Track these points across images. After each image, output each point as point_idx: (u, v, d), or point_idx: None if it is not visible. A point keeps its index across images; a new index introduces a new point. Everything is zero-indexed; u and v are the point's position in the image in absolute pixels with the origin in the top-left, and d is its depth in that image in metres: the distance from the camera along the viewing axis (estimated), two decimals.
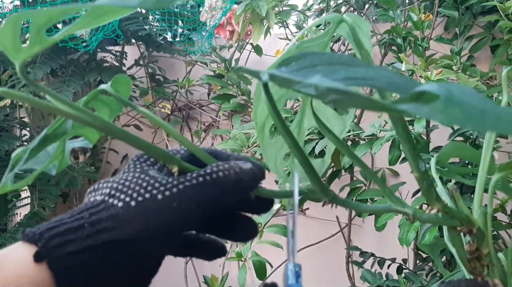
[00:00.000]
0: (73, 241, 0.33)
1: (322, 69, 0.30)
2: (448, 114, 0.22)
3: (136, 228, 0.35)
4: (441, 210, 0.39)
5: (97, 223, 0.34)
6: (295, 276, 0.38)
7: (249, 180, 0.39)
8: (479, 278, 0.43)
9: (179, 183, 0.37)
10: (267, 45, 2.01)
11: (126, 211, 0.35)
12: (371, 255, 1.75)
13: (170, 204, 0.36)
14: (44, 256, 0.33)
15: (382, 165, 1.89)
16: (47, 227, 0.34)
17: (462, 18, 1.82)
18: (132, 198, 0.36)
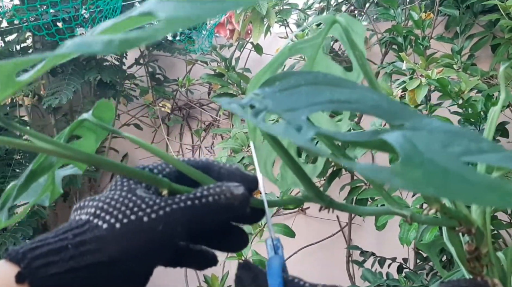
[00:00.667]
0: (56, 262, 0.33)
1: (306, 90, 0.29)
2: (408, 177, 0.20)
3: (120, 250, 0.34)
4: (439, 210, 0.38)
5: (80, 244, 0.34)
6: (274, 248, 0.39)
7: (240, 205, 0.37)
8: (479, 278, 0.43)
9: (166, 205, 0.36)
10: (268, 44, 2.00)
11: (110, 232, 0.34)
12: (372, 255, 1.74)
13: (155, 227, 0.35)
14: (26, 276, 0.33)
15: (383, 164, 1.89)
16: (30, 247, 0.34)
17: (463, 17, 1.81)
18: (117, 220, 0.35)
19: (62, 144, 0.36)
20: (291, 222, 2.16)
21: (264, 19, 1.80)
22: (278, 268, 0.37)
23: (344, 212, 0.43)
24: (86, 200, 0.38)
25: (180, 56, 2.25)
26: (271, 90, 0.31)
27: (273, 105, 0.29)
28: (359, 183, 1.68)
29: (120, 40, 0.24)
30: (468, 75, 1.48)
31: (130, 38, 0.24)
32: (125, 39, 0.24)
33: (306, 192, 0.40)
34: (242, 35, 1.91)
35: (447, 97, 1.40)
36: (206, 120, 2.36)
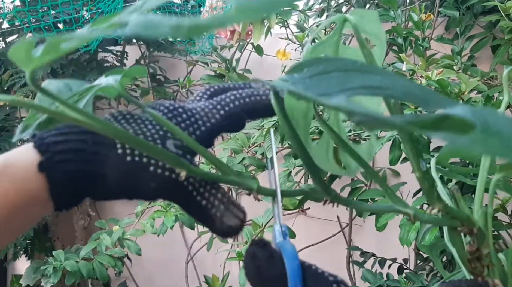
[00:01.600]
0: (72, 161, 0.37)
1: (337, 76, 0.29)
2: (489, 145, 0.22)
3: (114, 177, 0.38)
4: (442, 210, 0.39)
5: (94, 153, 0.37)
6: (282, 235, 0.39)
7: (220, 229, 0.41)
8: (480, 278, 0.43)
9: (176, 178, 0.38)
10: (268, 45, 2.01)
11: (118, 160, 0.37)
12: (372, 255, 1.75)
13: (150, 181, 0.38)
14: (46, 168, 0.36)
15: (383, 165, 1.89)
16: (53, 140, 0.37)
17: (463, 18, 1.82)
18: (132, 153, 0.38)
19: (92, 115, 0.37)
20: (291, 223, 2.17)
21: (265, 20, 1.80)
22: (293, 250, 0.37)
23: (348, 207, 0.43)
24: (125, 116, 0.41)
25: (181, 57, 2.25)
26: (300, 76, 0.30)
27: (304, 90, 0.28)
28: (359, 184, 1.68)
29: (190, 25, 0.24)
30: (468, 76, 1.48)
31: (200, 24, 0.24)
32: (195, 25, 0.24)
33: (313, 185, 0.41)
34: (242, 36, 1.91)
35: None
36: None
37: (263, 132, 1.64)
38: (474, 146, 0.22)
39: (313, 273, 0.36)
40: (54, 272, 1.81)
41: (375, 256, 1.74)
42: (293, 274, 0.35)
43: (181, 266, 2.37)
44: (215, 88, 0.46)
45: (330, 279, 0.36)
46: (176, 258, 2.38)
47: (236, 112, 0.43)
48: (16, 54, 0.32)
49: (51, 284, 1.81)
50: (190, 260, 2.38)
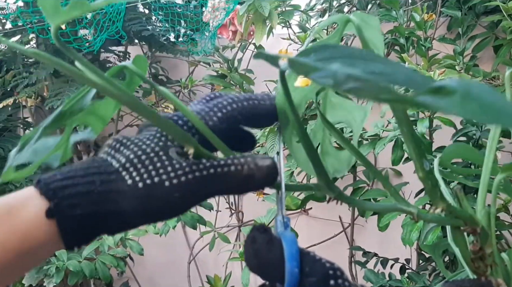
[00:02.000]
0: (81, 205, 0.36)
1: (342, 61, 0.30)
2: (466, 107, 0.23)
3: (134, 209, 0.37)
4: (445, 209, 0.39)
5: (105, 193, 0.37)
6: (284, 225, 0.39)
7: (262, 178, 0.38)
8: (483, 278, 0.43)
9: (190, 171, 0.38)
10: (270, 45, 2.01)
11: (132, 190, 0.37)
12: (374, 255, 1.75)
13: (173, 193, 0.37)
14: (55, 214, 0.36)
15: (385, 165, 1.89)
16: (60, 185, 0.37)
17: (465, 18, 1.82)
18: (142, 179, 0.37)
19: (110, 79, 0.37)
20: (293, 223, 2.17)
21: (267, 21, 1.81)
22: (293, 237, 0.37)
23: (351, 206, 0.43)
24: (120, 141, 0.40)
25: (183, 57, 2.25)
26: (307, 59, 0.31)
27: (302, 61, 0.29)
28: (361, 184, 1.68)
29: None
30: (470, 76, 1.49)
31: None
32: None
33: (317, 182, 0.41)
34: (244, 37, 1.92)
35: None
36: None
37: (265, 133, 1.64)
38: (452, 108, 0.23)
39: (310, 259, 0.37)
40: (56, 272, 1.81)
41: (377, 256, 1.75)
42: (291, 257, 0.36)
43: (183, 266, 2.38)
44: (215, 94, 0.46)
45: (327, 266, 0.36)
46: (178, 258, 2.39)
47: (233, 115, 0.42)
48: (44, 4, 0.32)
49: (53, 284, 1.82)
50: (192, 260, 2.38)
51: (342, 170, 0.47)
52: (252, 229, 0.38)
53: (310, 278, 0.36)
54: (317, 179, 0.41)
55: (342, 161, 0.47)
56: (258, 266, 0.37)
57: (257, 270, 0.37)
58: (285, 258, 0.36)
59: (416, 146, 0.39)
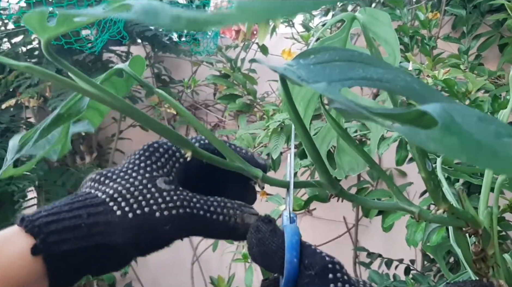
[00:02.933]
0: (69, 240, 0.35)
1: (340, 65, 0.30)
2: (444, 144, 0.21)
3: (126, 239, 0.36)
4: (447, 210, 0.38)
5: (93, 226, 0.36)
6: (290, 220, 0.40)
7: (244, 233, 0.39)
8: (484, 279, 0.43)
9: (181, 206, 0.37)
10: (273, 44, 2.00)
11: (121, 221, 0.36)
12: (379, 256, 1.74)
13: (163, 225, 0.37)
14: (42, 250, 0.35)
15: (389, 165, 1.88)
16: (45, 221, 0.35)
17: (470, 16, 1.80)
18: (132, 209, 0.36)
19: (103, 88, 0.36)
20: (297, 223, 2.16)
21: (270, 20, 1.80)
22: (295, 228, 0.38)
23: (353, 203, 0.43)
24: (104, 175, 0.39)
25: (186, 57, 2.25)
26: (306, 62, 0.31)
27: (306, 75, 0.29)
28: (365, 184, 1.67)
29: (188, 18, 0.23)
30: (475, 75, 1.47)
31: (198, 19, 0.23)
32: (193, 19, 0.23)
33: (319, 179, 0.41)
34: (247, 36, 1.91)
35: (454, 98, 1.39)
36: (212, 121, 2.36)
37: (268, 133, 1.63)
38: (428, 143, 0.21)
39: (311, 252, 0.37)
40: None
41: (382, 257, 1.73)
42: (291, 247, 0.36)
43: (186, 267, 2.37)
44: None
45: (327, 259, 0.37)
46: (181, 259, 2.38)
47: None
48: (29, 22, 0.32)
49: None
50: (196, 261, 2.38)
51: (358, 169, 0.47)
52: (257, 219, 0.39)
53: (309, 271, 0.36)
54: (320, 176, 0.41)
55: (359, 160, 0.47)
56: (259, 254, 0.37)
57: (258, 258, 0.37)
58: (285, 247, 0.36)
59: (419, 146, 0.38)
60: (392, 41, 0.42)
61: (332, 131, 0.50)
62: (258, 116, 1.91)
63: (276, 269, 0.37)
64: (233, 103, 1.93)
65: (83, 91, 0.36)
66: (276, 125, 1.60)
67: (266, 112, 1.69)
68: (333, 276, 0.36)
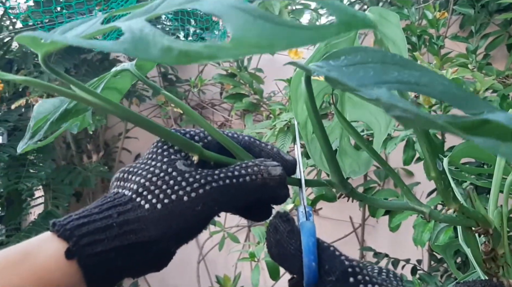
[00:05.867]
0: (102, 241, 0.35)
1: (374, 67, 0.29)
2: None
3: (160, 231, 0.36)
4: (457, 210, 0.38)
5: (124, 224, 0.36)
6: (306, 216, 0.40)
7: (275, 186, 0.39)
8: (494, 279, 0.43)
9: (206, 183, 0.37)
10: None
11: (152, 214, 0.36)
12: (385, 256, 1.73)
13: (194, 207, 0.36)
14: (75, 254, 0.34)
15: (397, 165, 1.88)
16: (77, 224, 0.35)
17: (478, 15, 1.79)
18: (159, 200, 0.36)
19: (103, 97, 0.36)
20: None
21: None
22: (312, 228, 0.38)
23: (363, 203, 0.43)
24: (127, 171, 0.39)
25: None
26: (337, 64, 0.30)
27: (340, 79, 0.28)
28: (372, 184, 1.67)
29: (180, 51, 0.23)
30: (483, 74, 1.46)
31: (191, 51, 0.23)
32: (185, 51, 0.23)
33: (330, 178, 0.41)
34: None
35: None
36: (218, 120, 2.36)
37: (275, 132, 1.63)
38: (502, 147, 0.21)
39: (330, 255, 0.37)
40: None
41: (388, 257, 1.73)
42: (308, 250, 0.36)
43: (192, 266, 2.37)
44: None
45: (346, 263, 0.36)
46: (187, 258, 2.39)
47: None
48: (22, 41, 0.32)
49: None
50: (202, 260, 2.38)
51: (359, 171, 0.47)
52: (275, 216, 0.38)
53: (330, 277, 0.36)
54: (331, 176, 0.41)
55: (360, 163, 0.47)
56: (279, 255, 0.37)
57: (277, 259, 0.37)
58: (303, 251, 0.36)
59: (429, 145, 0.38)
60: (399, 43, 0.41)
61: (334, 132, 0.49)
62: (264, 115, 1.91)
63: (295, 271, 0.37)
64: (239, 102, 1.93)
65: (85, 101, 0.36)
66: (283, 124, 1.60)
67: (273, 111, 1.69)
68: (354, 280, 0.36)
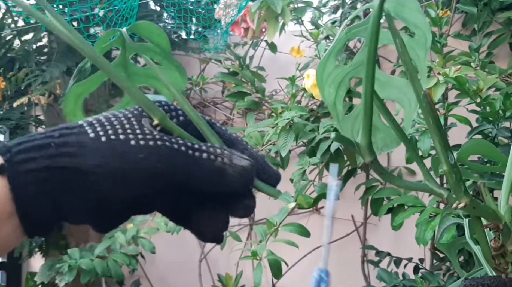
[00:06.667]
0: (35, 159, 0.33)
1: None
2: None
3: (95, 162, 0.33)
4: (468, 204, 0.38)
5: (62, 145, 0.33)
6: (319, 281, 0.37)
7: (235, 179, 0.35)
8: (503, 275, 0.42)
9: (160, 139, 0.34)
10: (282, 42, 1.99)
11: (92, 142, 0.34)
12: (387, 255, 1.73)
13: (137, 153, 0.34)
14: (6, 169, 0.32)
15: (399, 163, 1.87)
16: (17, 141, 0.34)
17: (481, 14, 1.79)
18: (106, 133, 0.34)
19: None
20: (305, 221, 2.15)
21: (279, 17, 1.79)
22: None
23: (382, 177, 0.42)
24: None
25: (194, 54, 2.25)
26: None
27: None
28: (374, 183, 1.66)
29: None
30: (486, 73, 1.46)
31: None
32: None
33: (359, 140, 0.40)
34: (256, 34, 1.90)
35: (464, 96, 1.38)
36: (220, 119, 2.36)
37: (277, 130, 1.63)
38: None
39: None
40: (69, 270, 1.82)
41: (391, 256, 1.73)
42: None
43: (194, 265, 2.37)
44: None
45: None
46: (189, 257, 2.38)
47: None
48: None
49: (65, 282, 1.82)
50: (204, 258, 2.38)
51: (391, 145, 0.47)
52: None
53: None
54: (361, 137, 0.40)
55: (392, 137, 0.47)
56: None
57: None
58: None
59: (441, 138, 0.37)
60: (422, 25, 0.42)
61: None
62: (266, 114, 1.91)
63: None
64: (241, 101, 1.93)
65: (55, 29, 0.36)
66: (285, 123, 1.60)
67: (275, 110, 1.69)
68: None
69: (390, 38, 0.44)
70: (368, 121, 0.39)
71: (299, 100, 1.87)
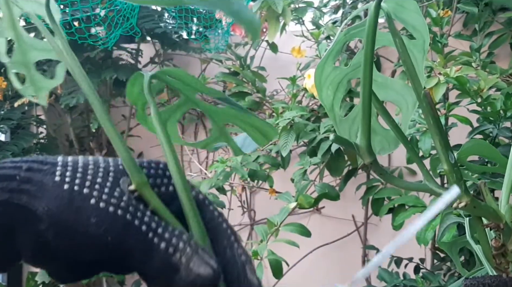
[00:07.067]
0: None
1: None
2: None
3: (46, 208, 0.31)
4: (469, 204, 0.38)
5: (25, 181, 0.31)
6: None
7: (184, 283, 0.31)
8: (504, 275, 0.42)
9: (123, 209, 0.31)
10: (283, 42, 2.00)
11: (53, 187, 0.31)
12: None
13: (90, 215, 0.31)
14: None
15: (400, 163, 1.87)
16: None
17: (482, 14, 1.79)
18: (71, 182, 0.31)
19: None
20: (306, 221, 2.15)
21: (280, 18, 1.79)
22: None
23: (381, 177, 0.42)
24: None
25: (195, 54, 2.25)
26: None
27: None
28: (375, 183, 1.66)
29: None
30: (487, 73, 1.46)
31: None
32: None
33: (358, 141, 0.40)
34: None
35: (465, 96, 1.38)
36: None
37: (278, 130, 1.63)
38: None
39: None
40: None
41: (391, 255, 1.73)
42: None
43: None
44: None
45: None
46: None
47: None
48: None
49: None
50: None
51: (389, 148, 0.47)
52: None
53: None
54: (360, 139, 0.40)
55: (390, 140, 0.47)
56: None
57: None
58: None
59: (442, 138, 0.38)
60: (420, 27, 0.42)
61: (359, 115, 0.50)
62: (267, 114, 1.91)
63: None
64: (242, 101, 1.93)
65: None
66: (286, 123, 1.60)
67: (276, 110, 1.69)
68: None
69: (390, 39, 0.44)
70: (366, 122, 0.39)
71: (300, 100, 1.87)
